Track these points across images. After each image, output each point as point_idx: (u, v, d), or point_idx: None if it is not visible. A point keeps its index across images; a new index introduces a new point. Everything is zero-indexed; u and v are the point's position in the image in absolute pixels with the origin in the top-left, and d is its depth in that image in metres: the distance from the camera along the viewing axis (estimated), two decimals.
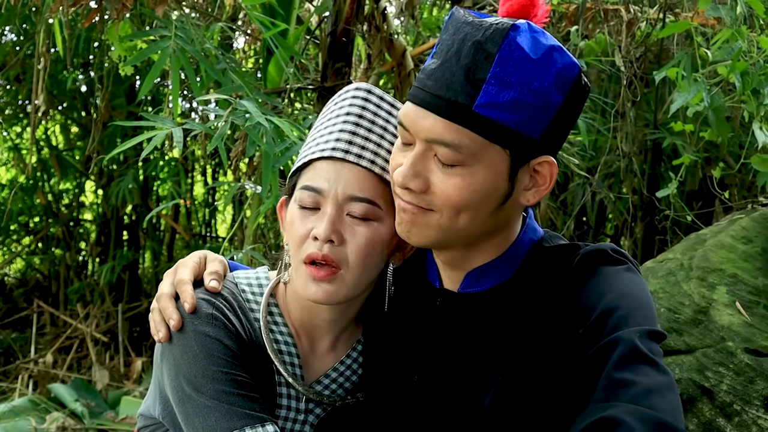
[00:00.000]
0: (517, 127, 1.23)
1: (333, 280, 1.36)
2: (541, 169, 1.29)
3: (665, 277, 2.21)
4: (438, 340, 1.40)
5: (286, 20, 3.53)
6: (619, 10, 3.51)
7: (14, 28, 6.08)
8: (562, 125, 1.29)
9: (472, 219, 1.29)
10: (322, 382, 1.46)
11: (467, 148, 1.23)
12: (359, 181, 1.37)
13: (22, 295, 7.70)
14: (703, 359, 1.91)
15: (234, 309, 1.41)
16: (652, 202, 3.79)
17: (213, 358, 1.31)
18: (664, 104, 3.75)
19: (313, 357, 1.48)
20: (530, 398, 1.27)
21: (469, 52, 1.23)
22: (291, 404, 1.43)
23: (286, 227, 1.42)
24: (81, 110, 7.14)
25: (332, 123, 1.42)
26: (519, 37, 1.22)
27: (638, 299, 1.23)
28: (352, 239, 1.36)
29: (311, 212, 1.37)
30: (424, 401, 1.40)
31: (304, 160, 1.41)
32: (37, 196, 7.37)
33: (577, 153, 3.47)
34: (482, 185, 1.26)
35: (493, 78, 1.22)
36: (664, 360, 1.15)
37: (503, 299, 1.36)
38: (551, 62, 1.23)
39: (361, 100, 1.44)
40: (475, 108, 1.22)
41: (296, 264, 1.38)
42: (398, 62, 3.80)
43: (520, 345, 1.30)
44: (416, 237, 1.34)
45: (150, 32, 3.09)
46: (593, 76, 4.22)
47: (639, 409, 1.04)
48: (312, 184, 1.37)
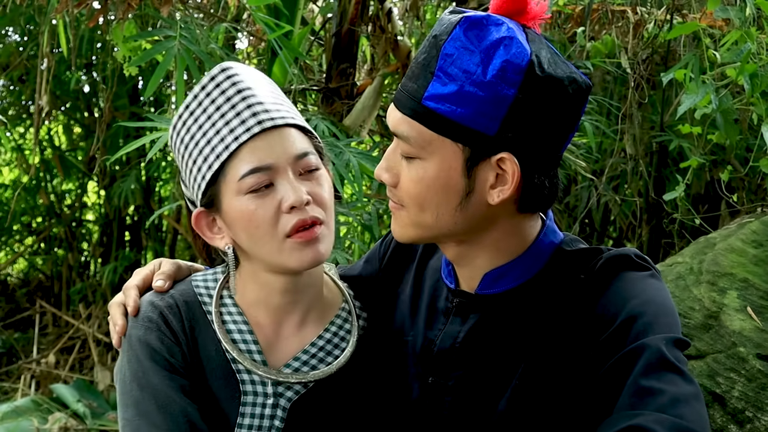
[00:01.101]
0: (465, 121, 1.22)
1: (321, 237, 1.37)
2: (504, 167, 1.25)
3: (675, 282, 2.19)
4: (454, 341, 1.38)
5: (291, 21, 3.52)
6: (625, 11, 3.50)
7: (18, 29, 6.08)
8: (530, 121, 1.23)
9: (437, 215, 1.28)
10: (292, 365, 1.43)
11: (415, 140, 1.25)
12: (294, 139, 1.38)
13: (24, 295, 7.70)
14: (714, 365, 1.89)
15: (178, 308, 1.43)
16: (657, 205, 3.78)
17: (146, 365, 1.36)
18: (671, 106, 3.72)
19: (279, 341, 1.46)
20: (547, 402, 1.26)
21: (427, 46, 1.26)
22: (257, 389, 1.41)
23: (243, 222, 1.37)
24: (84, 111, 7.14)
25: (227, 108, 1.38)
26: (468, 29, 1.22)
27: (663, 306, 1.21)
28: (317, 193, 1.38)
29: (264, 193, 1.35)
30: (439, 403, 1.38)
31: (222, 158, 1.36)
32: (39, 196, 7.37)
33: (582, 155, 3.45)
34: (435, 179, 1.26)
35: (439, 70, 1.22)
36: None
37: (521, 301, 1.34)
38: (497, 54, 1.20)
39: (234, 77, 1.41)
40: (423, 101, 1.23)
41: (276, 243, 1.36)
42: (403, 63, 3.79)
43: (538, 348, 1.29)
44: (399, 234, 1.36)
45: (154, 32, 3.08)
46: (598, 77, 4.20)
47: (668, 418, 1.03)
48: (256, 166, 1.34)
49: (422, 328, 1.45)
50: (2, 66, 6.21)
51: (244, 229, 1.37)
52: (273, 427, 1.40)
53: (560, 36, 3.65)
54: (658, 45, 3.68)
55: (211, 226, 1.44)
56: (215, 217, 1.42)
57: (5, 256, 8.16)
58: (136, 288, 1.46)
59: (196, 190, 1.41)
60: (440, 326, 1.42)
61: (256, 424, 1.40)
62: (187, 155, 1.41)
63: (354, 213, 3.14)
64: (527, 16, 1.27)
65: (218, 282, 1.49)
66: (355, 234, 3.44)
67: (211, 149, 1.37)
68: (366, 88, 3.83)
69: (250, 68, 1.46)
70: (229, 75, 1.41)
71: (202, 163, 1.39)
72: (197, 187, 1.40)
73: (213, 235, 1.44)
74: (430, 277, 1.50)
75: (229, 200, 1.37)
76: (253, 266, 1.44)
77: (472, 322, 1.37)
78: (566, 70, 1.24)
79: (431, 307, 1.46)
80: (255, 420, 1.40)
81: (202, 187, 1.39)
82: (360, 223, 3.16)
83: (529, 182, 1.27)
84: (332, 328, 1.49)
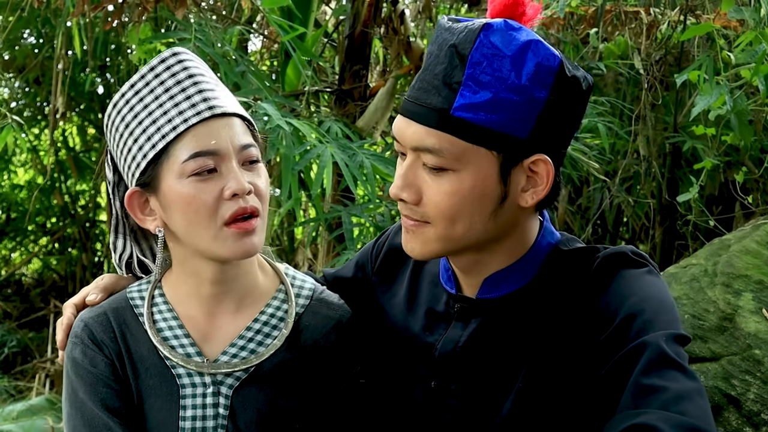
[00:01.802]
0: (500, 127, 1.21)
1: (257, 230, 1.38)
2: (537, 169, 1.26)
3: (689, 283, 2.18)
4: (456, 346, 1.38)
5: (304, 23, 3.54)
6: (639, 12, 3.50)
7: (34, 31, 6.11)
8: (557, 121, 1.25)
9: (469, 226, 1.27)
10: (228, 352, 1.44)
11: (449, 152, 1.22)
12: (239, 130, 1.39)
13: (39, 294, 7.73)
14: (729, 367, 1.88)
15: (107, 316, 1.46)
16: (671, 206, 3.76)
17: (72, 380, 1.42)
18: (685, 108, 3.71)
19: (214, 330, 1.46)
20: (550, 404, 1.26)
21: (445, 57, 1.23)
22: (194, 381, 1.41)
23: (181, 206, 1.36)
24: (98, 112, 7.17)
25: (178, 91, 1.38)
26: (492, 35, 1.21)
27: (662, 302, 1.21)
28: (257, 185, 1.38)
29: (207, 178, 1.35)
30: (443, 407, 1.38)
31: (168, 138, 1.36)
32: (54, 197, 7.41)
33: (595, 157, 3.45)
34: (471, 190, 1.24)
35: (468, 80, 1.21)
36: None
37: (522, 304, 1.34)
38: (527, 57, 1.21)
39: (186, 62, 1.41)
40: (453, 112, 1.21)
41: (213, 231, 1.35)
42: (416, 65, 3.79)
43: (540, 350, 1.29)
44: (420, 252, 1.33)
45: (170, 34, 3.10)
46: (611, 78, 4.19)
47: (671, 415, 1.03)
48: (202, 149, 1.34)
49: (420, 333, 1.45)
50: (18, 68, 6.25)
51: (182, 213, 1.37)
52: (218, 416, 1.41)
53: (573, 37, 3.64)
54: (672, 46, 3.68)
55: (143, 207, 1.43)
56: (148, 198, 1.42)
57: (20, 256, 8.21)
58: (73, 306, 1.51)
59: (133, 169, 1.40)
60: (441, 331, 1.42)
61: (199, 414, 1.41)
62: (127, 133, 1.40)
63: (367, 214, 3.15)
64: (523, 19, 1.28)
65: (150, 284, 1.50)
66: (367, 235, 3.45)
67: (157, 129, 1.36)
68: (379, 89, 3.84)
69: (195, 57, 1.46)
70: (181, 59, 1.41)
71: (144, 141, 1.37)
72: (135, 165, 1.39)
73: (144, 216, 1.43)
74: (428, 282, 1.49)
75: (170, 182, 1.36)
76: (183, 253, 1.44)
77: (473, 327, 1.37)
78: (577, 67, 1.27)
79: (430, 312, 1.45)
80: (198, 410, 1.41)
81: (141, 167, 1.38)
82: (373, 224, 3.17)
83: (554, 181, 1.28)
84: (266, 313, 1.49)
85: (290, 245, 4.93)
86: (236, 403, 1.42)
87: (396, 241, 1.59)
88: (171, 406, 1.41)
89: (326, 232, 3.67)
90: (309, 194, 3.23)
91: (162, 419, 1.41)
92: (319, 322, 1.51)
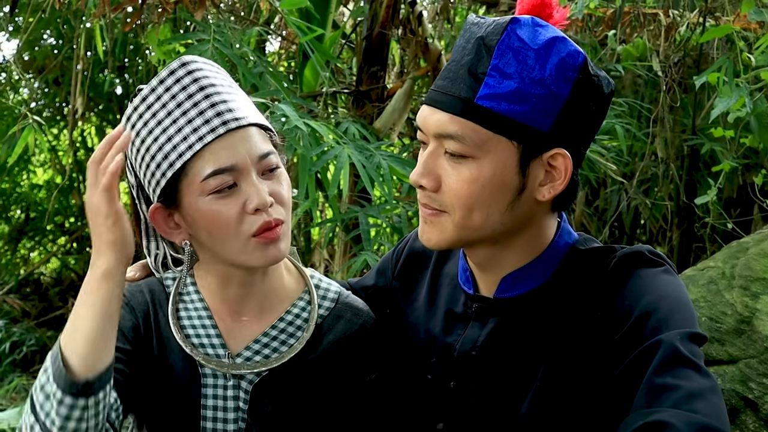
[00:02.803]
0: (521, 118, 1.23)
1: (283, 237, 1.38)
2: (555, 163, 1.27)
3: (706, 286, 2.17)
4: (474, 346, 1.39)
5: (323, 24, 3.55)
6: (657, 14, 3.49)
7: (54, 32, 6.16)
8: (578, 118, 1.27)
9: (486, 216, 1.28)
10: (252, 348, 1.45)
11: (471, 139, 1.24)
12: (256, 139, 1.38)
13: (57, 294, 7.79)
14: (747, 370, 1.87)
15: (143, 292, 1.48)
16: (689, 209, 3.75)
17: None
18: (703, 110, 3.70)
19: (238, 326, 1.47)
20: (568, 403, 1.26)
21: (472, 48, 1.26)
22: (216, 372, 1.43)
23: (206, 222, 1.36)
24: (117, 113, 7.21)
25: (190, 106, 1.36)
26: (519, 29, 1.24)
27: (677, 301, 1.21)
28: (278, 193, 1.38)
29: (228, 194, 1.34)
30: (462, 407, 1.39)
31: (185, 157, 1.34)
32: (72, 197, 7.46)
33: (613, 158, 3.44)
34: (490, 178, 1.25)
35: (493, 70, 1.23)
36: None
37: (539, 303, 1.34)
38: (552, 51, 1.23)
39: (195, 73, 1.39)
40: (476, 100, 1.23)
41: (242, 242, 1.36)
42: (433, 66, 3.79)
43: (558, 349, 1.29)
44: (437, 241, 1.34)
45: (189, 36, 3.12)
46: (629, 80, 4.18)
47: (684, 413, 1.02)
48: (221, 167, 1.33)
49: (440, 334, 1.45)
50: (38, 68, 6.31)
51: (206, 229, 1.37)
52: (238, 409, 1.42)
53: (591, 39, 3.64)
54: (690, 48, 3.66)
55: (167, 221, 1.42)
56: (172, 213, 1.41)
57: (39, 255, 8.27)
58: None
59: (153, 186, 1.39)
60: (459, 331, 1.42)
61: (220, 405, 1.42)
62: (144, 149, 1.38)
63: (384, 215, 3.15)
64: (550, 21, 1.29)
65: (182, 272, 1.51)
66: (384, 236, 3.45)
67: (173, 147, 1.35)
68: (396, 91, 3.85)
69: (209, 62, 1.44)
70: (190, 70, 1.39)
71: (162, 160, 1.36)
72: (155, 183, 1.38)
73: (170, 230, 1.43)
74: (447, 284, 1.50)
75: (191, 200, 1.36)
76: (210, 259, 1.45)
77: (491, 326, 1.38)
78: (600, 70, 1.29)
79: (449, 313, 1.46)
80: (218, 401, 1.42)
81: (161, 185, 1.37)
82: (390, 225, 3.18)
83: (571, 178, 1.29)
84: (291, 313, 1.50)
85: (307, 246, 4.94)
86: (255, 398, 1.43)
87: (416, 245, 1.60)
88: (193, 392, 1.43)
89: (343, 232, 3.68)
90: (326, 195, 3.23)
91: (184, 403, 1.42)
92: (343, 326, 1.51)
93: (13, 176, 7.76)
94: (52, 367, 1.20)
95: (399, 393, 1.49)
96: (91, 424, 1.20)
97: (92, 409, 1.20)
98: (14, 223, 8.10)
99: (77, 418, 1.18)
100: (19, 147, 3.05)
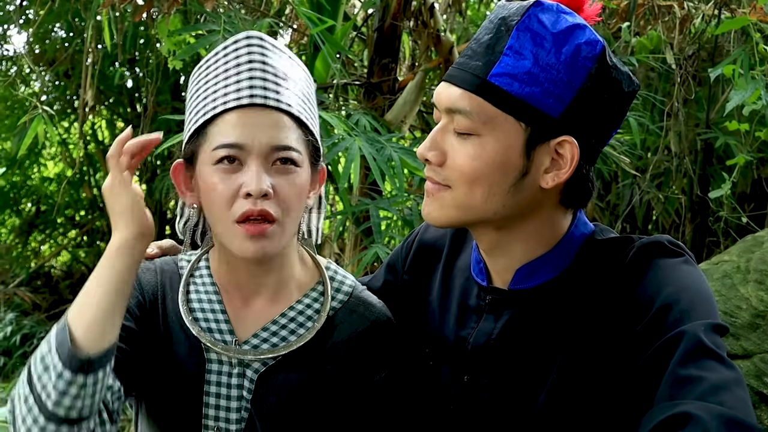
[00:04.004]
0: (531, 100, 1.21)
1: (270, 235, 1.33)
2: (562, 151, 1.25)
3: (721, 280, 2.15)
4: (489, 338, 1.37)
5: (333, 16, 3.54)
6: (672, 6, 3.45)
7: (64, 24, 6.17)
8: (592, 108, 1.24)
9: (488, 194, 1.26)
10: (259, 336, 1.43)
11: (479, 116, 1.23)
12: (283, 128, 1.35)
13: (67, 287, 7.83)
14: (762, 365, 1.86)
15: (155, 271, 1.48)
16: (702, 203, 3.72)
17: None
18: (717, 103, 3.67)
19: (248, 313, 1.46)
20: (586, 396, 1.24)
21: (494, 27, 1.25)
22: (221, 358, 1.41)
23: (205, 192, 1.36)
24: (127, 106, 7.23)
25: (232, 73, 1.37)
26: (541, 13, 1.23)
27: (699, 292, 1.18)
28: (282, 190, 1.34)
29: (231, 170, 1.33)
30: (477, 401, 1.37)
31: (207, 116, 1.36)
32: (83, 190, 7.49)
33: (626, 152, 3.41)
34: (494, 157, 1.24)
35: (509, 49, 1.22)
36: None
37: (555, 295, 1.32)
38: (571, 37, 1.21)
39: (254, 47, 1.39)
40: (489, 78, 1.23)
41: (226, 225, 1.34)
42: (445, 58, 3.77)
43: (575, 341, 1.27)
44: (437, 216, 1.32)
45: (199, 26, 3.10)
46: (643, 73, 4.15)
47: (710, 405, 1.00)
48: (230, 141, 1.32)
49: (453, 327, 1.44)
50: (48, 61, 6.32)
51: (203, 199, 1.37)
52: (242, 398, 1.40)
53: (605, 31, 3.61)
54: (705, 41, 3.63)
55: (186, 181, 1.43)
56: (192, 174, 1.41)
57: (49, 248, 8.31)
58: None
59: (184, 139, 1.41)
60: (473, 324, 1.41)
61: (223, 392, 1.40)
62: (190, 103, 1.41)
63: (394, 207, 3.14)
64: (581, 16, 1.27)
65: (197, 256, 1.51)
66: (395, 228, 3.44)
67: (204, 105, 1.37)
68: (408, 83, 3.83)
69: (280, 46, 1.44)
70: (250, 44, 1.39)
71: (194, 114, 1.39)
72: (186, 136, 1.41)
73: (185, 189, 1.43)
74: (459, 277, 1.49)
75: (202, 165, 1.36)
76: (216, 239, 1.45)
77: (506, 319, 1.36)
78: (624, 67, 1.26)
79: (462, 306, 1.45)
80: (222, 389, 1.41)
81: (185, 138, 1.40)
82: (400, 218, 3.16)
83: (578, 170, 1.26)
84: (302, 303, 1.48)
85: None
86: (260, 388, 1.41)
87: (426, 237, 1.58)
88: (197, 377, 1.41)
89: (353, 225, 3.66)
90: (336, 187, 3.22)
91: (187, 389, 1.41)
92: (355, 321, 1.49)
93: (24, 169, 7.81)
94: (56, 339, 1.19)
95: (413, 388, 1.48)
96: (87, 403, 1.19)
97: (90, 388, 1.18)
98: (25, 216, 8.14)
99: (73, 395, 1.17)
100: (28, 137, 3.05)
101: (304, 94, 1.43)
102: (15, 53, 6.62)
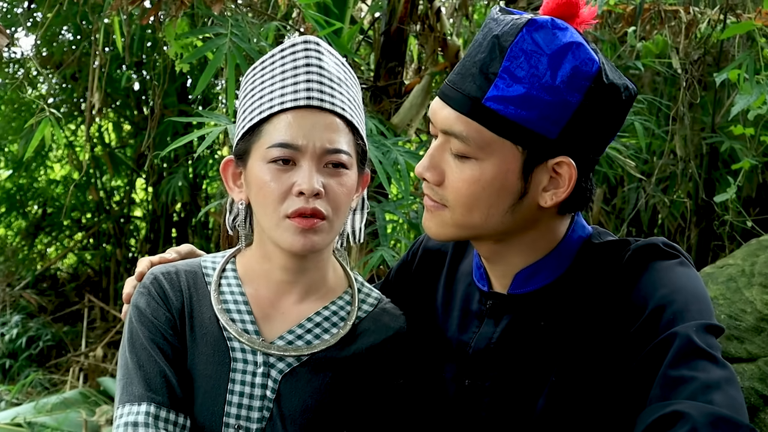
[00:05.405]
0: (528, 123, 1.21)
1: (319, 230, 1.38)
2: (560, 170, 1.25)
3: (725, 284, 2.16)
4: (489, 343, 1.38)
5: (341, 19, 3.54)
6: (678, 11, 3.46)
7: (71, 27, 6.19)
8: (588, 126, 1.24)
9: (486, 216, 1.27)
10: (285, 338, 1.45)
11: (475, 140, 1.23)
12: (336, 130, 1.39)
13: (73, 289, 7.85)
14: (766, 368, 1.86)
15: (177, 276, 1.49)
16: (707, 207, 3.72)
17: (134, 326, 1.43)
18: (723, 108, 3.67)
19: (276, 314, 1.48)
20: (585, 398, 1.25)
21: (487, 46, 1.23)
22: (246, 358, 1.43)
23: (256, 188, 1.40)
24: (134, 108, 7.25)
25: (289, 74, 1.41)
26: (535, 32, 1.20)
27: (693, 293, 1.19)
28: (332, 190, 1.38)
29: (284, 169, 1.37)
30: (477, 404, 1.38)
31: (262, 115, 1.39)
32: (89, 192, 7.51)
33: (631, 156, 3.42)
34: (491, 181, 1.24)
35: (504, 72, 1.21)
36: None
37: (553, 298, 1.33)
38: (566, 58, 1.19)
39: (311, 51, 1.43)
40: (484, 101, 1.22)
41: (277, 219, 1.38)
42: (452, 62, 3.78)
43: (573, 344, 1.28)
44: (435, 232, 1.34)
45: (206, 30, 3.11)
46: (648, 78, 4.16)
47: (699, 404, 1.01)
48: (285, 140, 1.36)
49: (456, 331, 1.45)
50: (55, 64, 6.34)
51: (255, 195, 1.41)
52: (265, 398, 1.42)
53: (611, 36, 3.62)
54: (711, 45, 3.64)
55: (234, 177, 1.48)
56: (241, 171, 1.45)
57: (55, 251, 8.33)
58: (148, 262, 1.54)
59: (237, 136, 1.45)
60: (474, 329, 1.42)
61: (247, 392, 1.42)
62: (243, 100, 1.45)
63: (400, 211, 3.15)
64: (577, 20, 1.27)
65: (225, 257, 1.54)
66: (401, 231, 3.44)
67: (260, 104, 1.40)
68: (414, 86, 3.83)
69: (333, 52, 1.47)
70: (308, 48, 1.43)
71: (249, 113, 1.42)
72: (239, 133, 1.44)
73: (234, 186, 1.48)
74: (462, 282, 1.50)
75: (254, 161, 1.40)
76: (262, 234, 1.47)
77: (505, 323, 1.37)
78: (621, 76, 1.25)
79: (464, 311, 1.46)
80: (246, 388, 1.42)
81: (238, 136, 1.44)
82: (406, 221, 3.17)
83: (577, 185, 1.27)
84: (331, 309, 1.50)
85: None
86: (284, 388, 1.43)
87: (430, 244, 1.61)
88: (221, 377, 1.42)
89: None
90: None
91: (211, 388, 1.42)
92: (379, 330, 1.52)
93: (31, 171, 7.82)
94: None
95: (417, 392, 1.49)
96: None
97: None
98: (31, 218, 8.16)
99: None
100: (35, 140, 3.05)
101: (354, 99, 1.46)
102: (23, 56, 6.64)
